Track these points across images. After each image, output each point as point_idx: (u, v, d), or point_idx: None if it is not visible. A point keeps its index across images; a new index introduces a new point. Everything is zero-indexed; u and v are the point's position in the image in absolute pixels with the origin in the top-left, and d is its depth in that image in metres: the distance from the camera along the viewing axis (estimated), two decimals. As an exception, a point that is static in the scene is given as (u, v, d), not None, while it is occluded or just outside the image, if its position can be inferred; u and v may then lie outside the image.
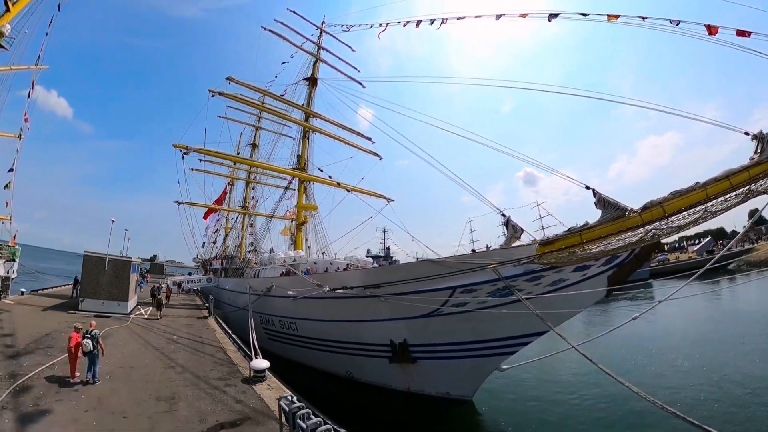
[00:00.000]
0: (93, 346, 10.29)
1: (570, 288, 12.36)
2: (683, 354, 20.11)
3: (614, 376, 8.12)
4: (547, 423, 13.33)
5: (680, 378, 16.63)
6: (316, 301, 18.11)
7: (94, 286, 21.74)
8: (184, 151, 24.93)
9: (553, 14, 14.33)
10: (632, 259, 11.35)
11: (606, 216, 9.82)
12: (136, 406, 8.98)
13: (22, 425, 7.44)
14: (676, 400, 13.60)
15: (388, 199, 34.39)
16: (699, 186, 8.23)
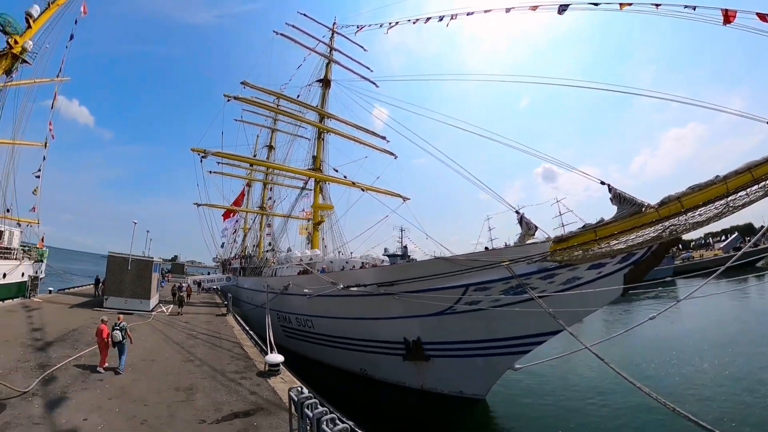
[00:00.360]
0: (122, 337, 11.16)
1: (585, 286, 12.11)
2: (708, 358, 19.32)
3: (630, 379, 7.96)
4: (562, 427, 12.93)
5: (704, 384, 15.89)
6: (331, 299, 18.35)
7: (118, 284, 22.74)
8: (201, 155, 25.73)
9: (563, 5, 13.99)
10: (649, 257, 11.12)
11: (622, 212, 9.60)
12: (156, 395, 9.49)
13: (50, 411, 7.99)
14: (701, 409, 13.01)
15: (404, 197, 34.81)
16: (719, 180, 7.86)
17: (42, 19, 23.31)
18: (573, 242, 10.14)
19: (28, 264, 27.22)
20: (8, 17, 21.87)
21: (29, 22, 22.67)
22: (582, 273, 12.18)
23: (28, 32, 22.62)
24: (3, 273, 23.62)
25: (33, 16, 22.91)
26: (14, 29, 22.02)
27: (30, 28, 22.69)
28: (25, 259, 27.25)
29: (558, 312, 10.76)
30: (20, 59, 22.71)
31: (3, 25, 21.65)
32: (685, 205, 8.23)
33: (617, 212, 9.71)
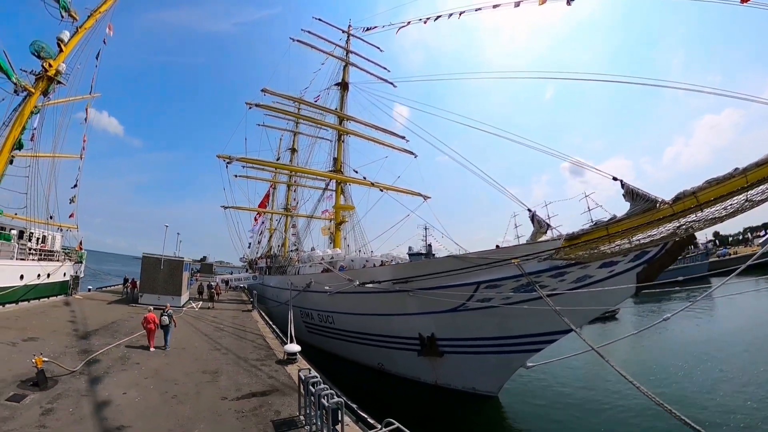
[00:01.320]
0: (168, 321, 14.07)
1: (596, 285, 11.86)
2: (737, 364, 18.37)
3: (630, 379, 7.85)
4: (574, 428, 12.93)
5: (730, 394, 14.78)
6: (350, 296, 19.17)
7: (152, 282, 24.70)
8: (227, 161, 27.23)
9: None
10: (663, 255, 10.72)
11: (635, 208, 9.48)
12: (185, 376, 10.80)
13: (94, 386, 9.40)
14: (724, 422, 12.38)
15: (425, 196, 35.41)
16: (738, 173, 7.61)
17: (72, 42, 25.62)
18: (585, 239, 10.25)
19: (69, 265, 29.50)
20: (42, 43, 24.17)
21: (60, 46, 24.98)
22: (593, 271, 11.99)
23: (60, 56, 24.92)
24: (47, 273, 25.76)
25: (64, 41, 25.19)
26: (48, 54, 24.31)
27: (62, 51, 24.99)
28: (66, 260, 29.55)
29: (570, 311, 10.82)
30: (55, 81, 25.02)
31: (38, 51, 23.95)
32: (701, 200, 8.06)
33: (630, 209, 9.65)
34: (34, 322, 16.01)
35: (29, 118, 24.46)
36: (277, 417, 8.31)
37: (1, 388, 8.70)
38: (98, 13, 27.95)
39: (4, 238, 23.68)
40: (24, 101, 23.79)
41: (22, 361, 10.46)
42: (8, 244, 22.84)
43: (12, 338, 12.91)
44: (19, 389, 8.70)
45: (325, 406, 6.52)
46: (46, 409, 7.85)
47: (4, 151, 23.41)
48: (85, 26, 27.02)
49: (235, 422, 7.99)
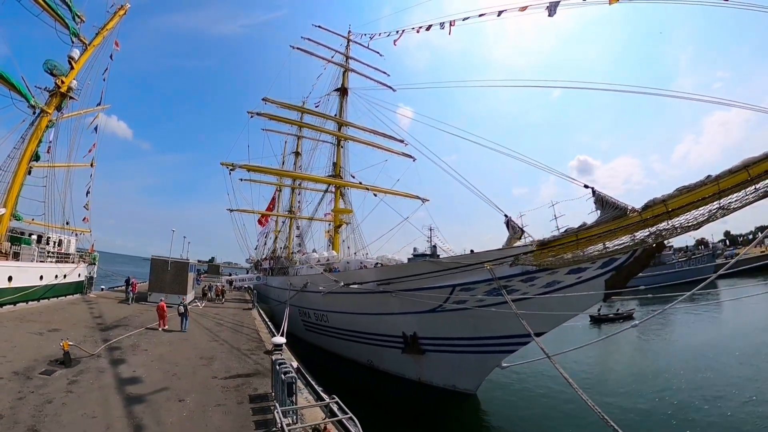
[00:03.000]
0: (184, 310, 18.59)
1: (565, 291, 12.45)
2: (722, 373, 18.77)
3: (575, 386, 8.03)
4: (545, 424, 14.13)
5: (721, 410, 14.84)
6: (342, 296, 20.75)
7: (160, 282, 27.38)
8: (230, 168, 29.33)
9: (553, 3, 13.79)
10: (632, 262, 11.01)
11: (605, 216, 9.77)
12: (185, 360, 13.18)
13: (111, 366, 11.82)
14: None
15: (423, 199, 37.00)
16: (710, 180, 7.75)
17: (82, 59, 28.65)
18: (556, 246, 10.60)
19: (84, 266, 32.35)
20: (54, 62, 27.13)
21: (71, 63, 27.96)
22: (562, 277, 12.47)
23: (72, 73, 27.94)
24: (64, 274, 28.53)
25: (74, 58, 28.17)
26: (60, 71, 27.28)
27: (73, 69, 27.97)
28: (81, 262, 32.40)
29: (539, 315, 11.77)
30: (68, 97, 28.04)
31: (51, 69, 26.93)
32: (671, 208, 8.26)
33: (600, 216, 9.93)
34: (55, 316, 18.72)
35: (45, 132, 27.34)
36: (254, 392, 10.57)
37: (35, 365, 11.19)
38: (105, 31, 30.88)
39: (24, 242, 26.51)
40: (39, 117, 26.63)
41: (49, 346, 12.99)
42: (29, 248, 25.64)
43: (38, 329, 15.54)
44: (49, 366, 11.17)
45: (282, 380, 8.73)
46: (72, 381, 10.29)
47: (23, 163, 26.32)
48: (94, 44, 29.98)
49: (220, 394, 10.29)
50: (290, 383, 8.60)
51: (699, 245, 76.68)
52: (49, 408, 8.46)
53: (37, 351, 12.48)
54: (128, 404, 9.07)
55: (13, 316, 17.78)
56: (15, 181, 26.01)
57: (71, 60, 28.15)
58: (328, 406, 8.87)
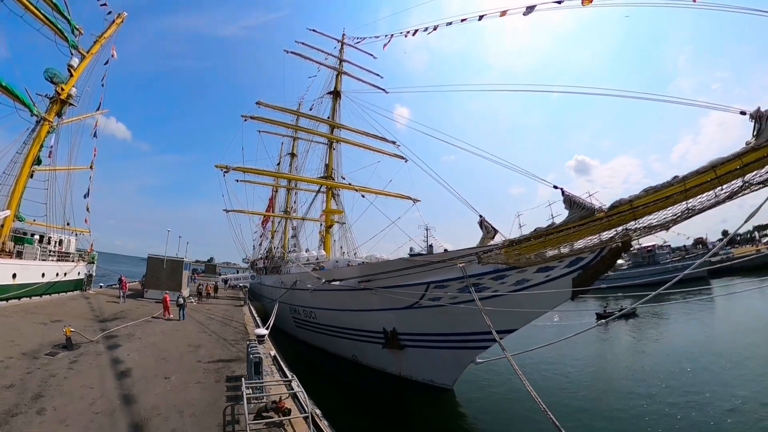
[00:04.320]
0: (183, 302, 21.44)
1: (534, 288, 12.81)
2: (701, 376, 18.64)
3: (530, 388, 8.34)
4: (518, 419, 14.54)
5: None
6: (329, 293, 21.55)
7: (156, 280, 29.20)
8: (224, 171, 30.77)
9: (529, 7, 14.45)
10: (598, 262, 11.31)
11: (572, 216, 9.98)
12: (174, 348, 14.89)
13: (107, 350, 13.54)
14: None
15: (414, 199, 38.18)
16: (677, 180, 7.89)
17: (81, 67, 30.76)
18: (525, 245, 10.96)
19: (83, 265, 34.22)
20: (54, 70, 29.11)
21: (71, 71, 29.92)
22: (530, 275, 12.85)
23: (71, 80, 30.00)
24: (64, 272, 30.36)
25: (74, 67, 30.22)
26: (60, 79, 29.23)
27: (72, 76, 29.90)
28: (81, 261, 34.26)
29: (510, 312, 12.19)
30: (68, 103, 29.98)
31: (51, 77, 28.94)
32: (637, 209, 8.44)
33: (568, 216, 10.16)
34: (57, 309, 20.49)
35: (46, 137, 29.20)
36: (231, 374, 12.20)
37: (41, 348, 12.92)
38: (103, 39, 32.86)
39: (27, 242, 28.37)
40: (41, 124, 28.49)
41: (52, 334, 14.72)
42: (31, 247, 27.48)
43: (42, 320, 17.30)
44: (53, 349, 12.89)
45: (251, 360, 10.40)
46: (73, 360, 12.01)
47: (26, 168, 28.22)
48: (92, 52, 31.96)
49: (201, 374, 11.97)
50: (257, 362, 10.28)
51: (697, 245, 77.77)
52: (53, 380, 10.16)
53: (42, 337, 14.21)
54: (121, 379, 10.78)
55: (18, 309, 19.56)
56: (18, 185, 27.90)
57: (70, 68, 30.07)
58: (290, 383, 10.53)
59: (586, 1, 13.13)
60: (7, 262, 23.92)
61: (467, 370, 16.70)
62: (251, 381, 9.91)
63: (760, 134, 7.13)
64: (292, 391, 10.04)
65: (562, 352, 23.14)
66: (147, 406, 9.12)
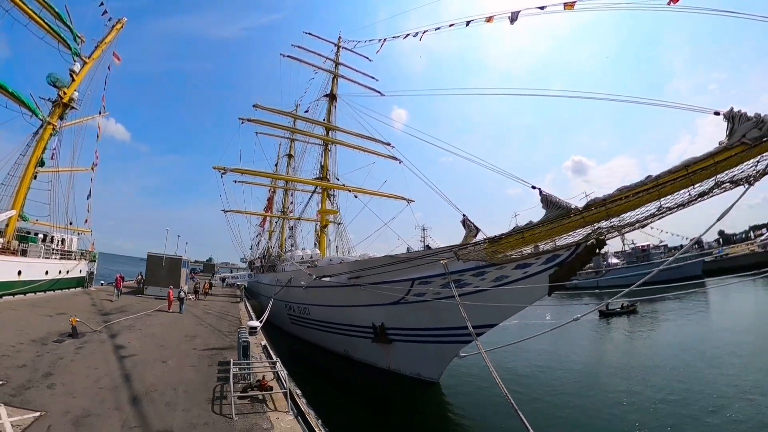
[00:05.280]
0: (183, 296, 22.93)
1: (513, 284, 13.24)
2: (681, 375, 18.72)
3: (502, 386, 8.53)
4: (501, 411, 14.35)
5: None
6: (322, 290, 22.49)
7: (155, 277, 30.50)
8: (222, 172, 31.97)
9: (515, 13, 14.95)
10: (574, 259, 11.72)
11: (549, 215, 10.35)
12: (172, 337, 16.13)
13: (112, 338, 14.78)
14: None
15: (408, 200, 39.18)
16: (650, 180, 8.10)
17: (82, 73, 31.91)
18: (504, 243, 11.51)
19: (84, 263, 35.50)
20: (56, 75, 30.34)
21: (73, 76, 31.18)
22: (509, 272, 13.38)
23: (73, 84, 31.18)
24: (67, 270, 31.60)
25: (75, 72, 31.38)
26: (62, 84, 30.45)
27: (74, 81, 31.13)
28: (82, 259, 35.54)
29: (490, 307, 12.82)
30: (70, 107, 31.20)
31: (54, 82, 30.13)
32: (611, 208, 8.73)
33: (545, 215, 10.53)
34: (61, 304, 21.77)
35: (49, 140, 30.42)
36: (223, 359, 13.32)
37: (49, 336, 14.17)
38: (104, 44, 34.10)
39: (31, 240, 29.62)
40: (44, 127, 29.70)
41: (58, 325, 15.98)
42: (35, 246, 28.71)
43: (48, 312, 18.57)
44: (60, 337, 14.12)
45: (240, 343, 11.60)
46: (78, 347, 13.24)
47: (29, 169, 29.40)
48: (93, 57, 33.23)
49: (195, 359, 13.18)
50: (245, 346, 11.52)
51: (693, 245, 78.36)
52: (61, 362, 11.37)
53: (49, 327, 15.45)
54: (122, 362, 12.00)
55: (24, 304, 20.85)
56: (22, 185, 29.05)
57: (72, 73, 31.26)
58: (274, 365, 11.73)
59: (568, 6, 13.77)
60: (13, 260, 25.10)
61: (452, 364, 17.25)
62: (239, 362, 11.10)
63: (733, 134, 7.40)
64: (275, 370, 11.21)
65: (558, 348, 24.48)
66: (146, 383, 10.34)
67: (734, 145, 7.28)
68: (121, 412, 8.43)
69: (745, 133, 7.22)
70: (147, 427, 7.85)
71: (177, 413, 8.63)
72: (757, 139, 7.11)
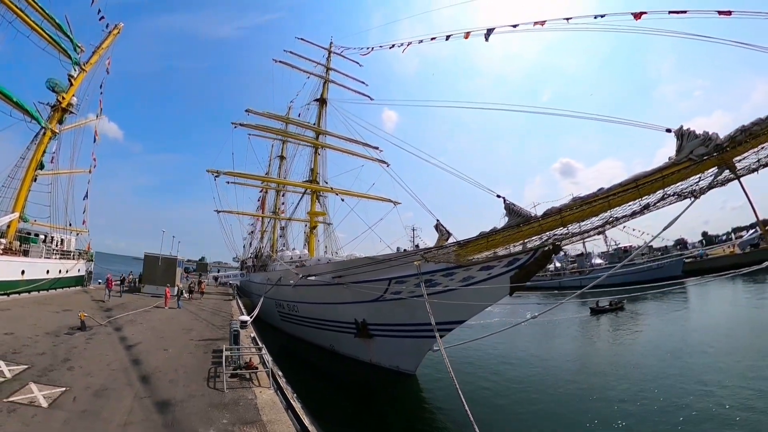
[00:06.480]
0: (179, 293, 25.14)
1: (479, 284, 14.37)
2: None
3: (457, 384, 9.31)
4: (474, 399, 14.81)
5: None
6: (309, 288, 23.85)
7: (152, 276, 32.34)
8: (215, 175, 33.66)
9: (489, 30, 15.54)
10: (532, 262, 12.85)
11: (511, 221, 11.12)
12: (171, 330, 18.07)
13: (115, 331, 16.67)
14: None
15: (395, 202, 40.64)
16: (602, 192, 8.56)
17: (80, 77, 33.52)
18: (471, 246, 12.35)
19: (83, 263, 37.26)
20: (56, 80, 31.93)
21: (71, 80, 32.76)
22: (475, 273, 14.53)
23: (71, 89, 32.82)
24: (66, 269, 33.35)
25: (73, 76, 32.98)
26: (61, 88, 32.08)
27: (72, 85, 32.76)
28: (80, 259, 37.28)
29: (458, 305, 14.03)
30: (68, 111, 32.89)
31: (52, 87, 31.75)
32: (565, 217, 9.33)
33: (507, 222, 11.32)
34: (65, 301, 23.71)
35: (48, 143, 32.08)
36: (217, 348, 15.14)
37: (60, 329, 16.04)
38: (101, 50, 35.85)
39: (32, 241, 31.33)
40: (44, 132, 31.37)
41: (67, 320, 17.88)
42: (37, 246, 30.42)
43: (55, 309, 20.47)
44: (70, 330, 15.99)
45: (231, 331, 13.54)
46: (89, 338, 15.14)
47: (29, 172, 31.04)
48: (91, 62, 35.01)
49: (192, 348, 15.12)
50: (236, 334, 13.49)
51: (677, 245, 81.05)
52: (75, 350, 13.25)
53: (59, 322, 17.34)
54: (129, 350, 13.94)
55: (30, 301, 22.70)
56: (23, 188, 30.69)
57: (71, 78, 32.95)
58: (260, 350, 13.69)
59: (538, 24, 14.71)
60: (16, 260, 26.80)
61: (428, 358, 18.33)
62: (230, 347, 13.06)
63: (681, 150, 7.74)
64: (260, 354, 13.20)
65: (542, 344, 26.69)
66: (151, 366, 12.28)
67: (682, 161, 7.72)
68: (132, 387, 10.36)
69: (693, 150, 7.67)
70: (154, 397, 9.77)
71: (178, 388, 10.58)
72: (703, 155, 7.57)
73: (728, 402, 14.65)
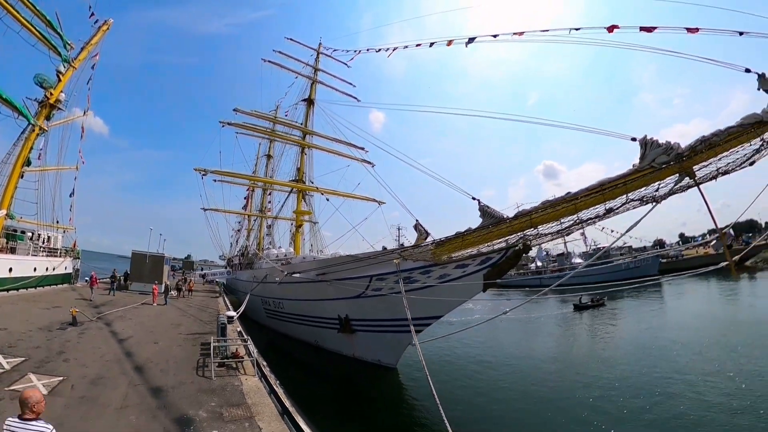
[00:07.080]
0: (166, 290, 26.17)
1: (454, 282, 15.20)
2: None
3: (430, 381, 9.55)
4: (455, 392, 16.17)
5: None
6: (294, 285, 24.28)
7: (139, 273, 32.88)
8: (202, 174, 34.22)
9: (470, 38, 16.07)
10: (504, 261, 13.41)
11: (485, 222, 11.61)
12: (160, 325, 18.83)
13: (108, 326, 17.39)
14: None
15: (379, 201, 41.32)
16: (569, 196, 8.96)
17: (68, 73, 33.60)
18: (448, 245, 12.86)
19: (69, 260, 37.56)
20: (44, 75, 31.96)
21: (59, 76, 32.88)
22: (450, 271, 15.16)
23: (59, 85, 32.90)
24: (53, 267, 33.69)
25: (62, 72, 33.05)
26: (49, 84, 32.20)
27: (60, 81, 32.94)
28: (67, 257, 37.57)
29: (435, 301, 14.65)
30: (56, 107, 33.07)
31: (41, 82, 31.80)
32: (534, 219, 9.72)
33: (481, 223, 11.79)
34: (54, 298, 24.21)
35: (35, 140, 32.28)
36: (205, 341, 15.94)
37: (52, 324, 16.68)
38: (90, 46, 36.05)
39: (18, 238, 31.62)
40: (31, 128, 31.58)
41: (57, 315, 18.52)
42: (24, 244, 30.74)
43: (45, 306, 21.04)
44: (62, 326, 16.64)
45: (218, 323, 14.38)
46: (81, 333, 15.84)
47: (16, 169, 31.23)
48: (80, 58, 35.17)
49: (181, 341, 15.92)
50: (223, 326, 14.33)
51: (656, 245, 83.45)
52: (69, 344, 13.97)
53: (50, 318, 17.97)
54: (121, 343, 14.70)
55: (19, 299, 23.15)
56: (9, 185, 30.86)
57: (59, 73, 33.10)
58: (246, 341, 14.56)
59: (517, 34, 15.16)
60: (3, 257, 27.15)
61: (408, 353, 18.83)
62: (218, 339, 13.92)
63: (644, 158, 8.12)
64: (246, 344, 14.09)
65: (526, 339, 27.81)
66: (143, 357, 13.08)
67: (644, 168, 8.14)
68: (126, 376, 11.17)
69: (655, 158, 8.09)
70: (148, 384, 10.61)
71: (169, 376, 11.43)
72: (664, 163, 8.01)
73: (692, 401, 14.77)
